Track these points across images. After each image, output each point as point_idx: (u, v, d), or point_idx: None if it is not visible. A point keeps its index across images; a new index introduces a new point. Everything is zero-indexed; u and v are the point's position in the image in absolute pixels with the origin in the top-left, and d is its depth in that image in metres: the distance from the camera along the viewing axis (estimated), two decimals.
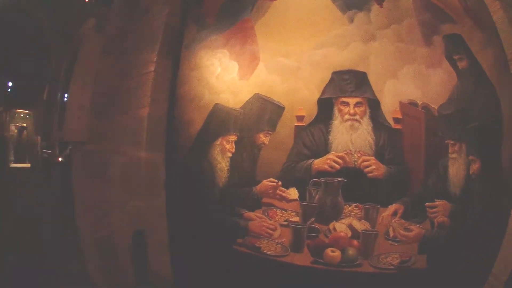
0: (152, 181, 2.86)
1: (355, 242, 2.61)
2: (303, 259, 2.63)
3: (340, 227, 2.65)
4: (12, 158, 15.34)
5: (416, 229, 2.61)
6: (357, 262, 2.53)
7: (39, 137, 13.93)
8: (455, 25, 2.71)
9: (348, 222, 2.65)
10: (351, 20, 2.77)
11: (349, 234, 2.62)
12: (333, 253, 2.52)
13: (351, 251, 2.55)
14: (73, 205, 6.62)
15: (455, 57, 2.66)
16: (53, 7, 9.96)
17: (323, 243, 2.62)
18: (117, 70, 3.30)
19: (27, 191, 11.45)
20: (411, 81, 2.66)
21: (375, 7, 2.75)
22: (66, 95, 3.75)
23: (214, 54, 2.93)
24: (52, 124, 9.36)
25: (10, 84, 14.50)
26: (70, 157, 8.97)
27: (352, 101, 2.66)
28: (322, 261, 2.54)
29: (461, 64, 2.65)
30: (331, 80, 2.70)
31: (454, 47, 2.67)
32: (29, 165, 15.27)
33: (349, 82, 2.68)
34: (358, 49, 2.69)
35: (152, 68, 2.84)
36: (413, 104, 2.69)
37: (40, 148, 12.49)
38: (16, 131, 15.56)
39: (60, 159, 9.18)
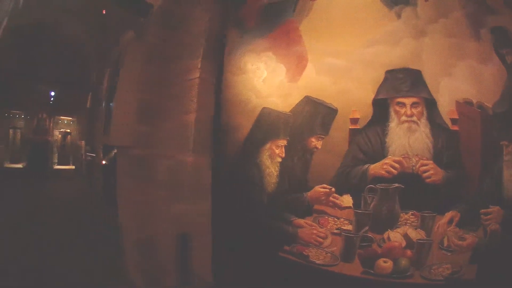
0: (198, 185, 2.73)
1: (408, 252, 2.29)
2: (353, 269, 2.36)
3: (395, 236, 2.35)
4: (55, 161, 15.75)
5: (470, 238, 2.26)
6: (408, 273, 2.24)
7: (83, 142, 14.44)
8: (499, 16, 2.38)
9: (404, 231, 2.35)
10: (399, 16, 2.47)
11: (404, 244, 2.31)
12: (385, 264, 2.25)
13: (403, 262, 2.26)
14: (115, 205, 6.60)
15: (503, 51, 2.33)
16: (91, 22, 9.93)
17: (376, 253, 2.34)
18: (160, 77, 3.21)
19: (71, 191, 11.76)
20: (465, 78, 2.34)
21: (421, 1, 2.45)
22: (110, 103, 3.62)
23: (259, 58, 2.74)
24: (96, 129, 9.48)
25: (52, 93, 14.90)
26: (114, 160, 9.12)
27: (408, 101, 2.36)
28: (372, 271, 2.27)
29: (510, 58, 2.32)
30: (385, 79, 2.40)
31: (501, 41, 2.35)
32: (73, 167, 15.59)
33: (404, 81, 2.38)
34: (410, 46, 2.40)
35: (197, 74, 2.73)
36: (468, 103, 2.36)
37: (84, 152, 12.69)
38: (60, 136, 15.93)
39: (104, 162, 9.25)
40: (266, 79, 2.67)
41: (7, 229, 6.73)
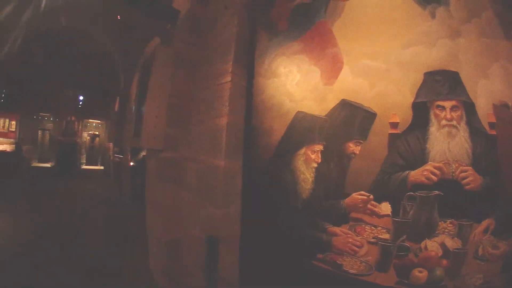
0: (228, 190, 2.59)
1: (444, 262, 2.10)
2: (387, 279, 2.17)
3: (432, 245, 2.16)
4: (84, 161, 16.15)
5: (503, 247, 2.06)
6: (443, 284, 2.05)
7: (111, 144, 14.68)
8: None
9: (441, 240, 2.16)
10: (433, 15, 2.26)
11: (440, 253, 2.11)
12: (420, 274, 2.08)
13: (439, 272, 2.08)
14: (143, 206, 6.56)
15: None
16: (118, 29, 10.02)
17: (412, 263, 2.14)
18: (189, 81, 3.20)
19: (98, 190, 11.94)
20: (500, 80, 2.12)
21: (453, 0, 2.23)
22: (139, 107, 3.61)
23: (291, 61, 2.59)
24: (123, 132, 9.55)
25: (81, 97, 15.22)
26: (142, 162, 9.22)
27: (448, 104, 2.16)
28: (407, 281, 2.09)
29: None
30: (424, 81, 2.20)
31: None
32: (100, 167, 15.96)
33: (443, 84, 2.19)
34: (446, 47, 2.20)
35: (229, 78, 2.60)
36: (505, 106, 2.16)
37: (112, 153, 12.87)
38: (88, 138, 16.28)
39: (131, 163, 9.34)
40: (299, 82, 2.50)
41: (34, 225, 6.93)
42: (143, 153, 9.88)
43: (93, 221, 7.61)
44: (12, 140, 13.95)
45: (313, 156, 2.38)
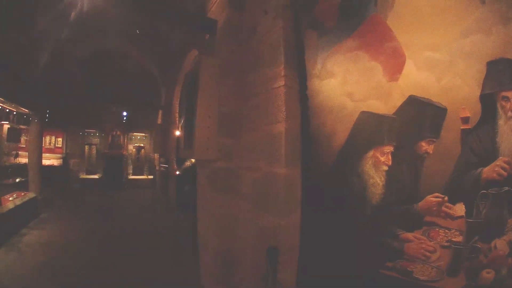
0: (289, 198, 2.34)
1: (510, 260, 1.81)
2: (456, 283, 1.91)
3: (501, 244, 1.89)
4: (130, 171, 16.46)
5: None
6: (506, 283, 1.80)
7: (156, 155, 14.95)
8: None
9: (509, 238, 1.88)
10: (483, 1, 1.94)
11: (507, 251, 1.83)
12: (487, 275, 1.84)
13: (503, 271, 1.83)
14: (190, 214, 6.45)
15: None
16: (154, 46, 10.14)
17: (481, 264, 1.88)
18: (237, 89, 3.02)
19: (145, 198, 12.11)
20: None
21: None
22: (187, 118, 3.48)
23: (348, 58, 2.32)
24: (168, 143, 9.62)
25: (124, 113, 15.78)
26: (187, 171, 9.25)
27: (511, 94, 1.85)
28: (475, 284, 1.84)
29: None
30: (488, 72, 1.89)
31: None
32: (146, 177, 16.37)
33: (504, 73, 1.87)
34: (501, 34, 1.87)
35: (282, 82, 2.37)
36: None
37: (158, 163, 13.08)
38: (134, 150, 16.59)
39: (177, 172, 9.38)
40: (360, 81, 2.22)
41: (85, 231, 7.05)
42: (188, 163, 10.00)
43: (142, 227, 7.67)
44: (59, 155, 14.39)
45: (382, 159, 2.10)
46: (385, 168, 2.09)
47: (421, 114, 1.99)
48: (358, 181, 2.17)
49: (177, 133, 9.77)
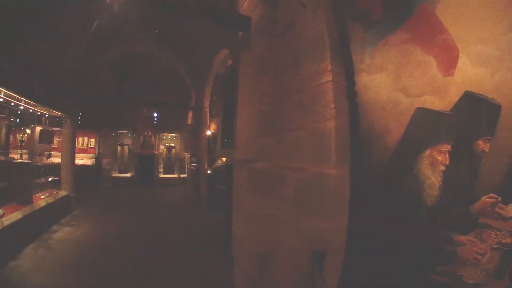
0: (338, 199, 2.21)
1: None
2: (499, 285, 1.81)
3: None
4: (161, 170, 16.81)
5: None
6: None
7: (187, 154, 15.18)
8: None
9: None
10: None
11: None
12: None
13: None
14: (221, 213, 6.39)
15: None
16: (183, 47, 10.22)
17: None
18: (276, 87, 2.89)
19: (176, 196, 12.27)
20: None
21: None
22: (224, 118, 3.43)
23: (399, 52, 2.16)
24: (198, 143, 9.69)
25: (155, 114, 16.14)
26: (218, 171, 9.29)
27: None
28: None
29: None
30: None
31: None
32: (176, 175, 16.71)
33: None
34: None
35: (329, 77, 2.22)
36: None
37: (189, 162, 13.27)
38: (165, 149, 16.93)
39: (208, 172, 9.42)
40: (413, 75, 2.07)
41: (116, 231, 7.01)
42: (219, 163, 10.05)
43: (173, 225, 7.67)
44: (92, 155, 14.96)
45: (440, 158, 1.95)
46: (442, 168, 1.94)
47: (478, 111, 1.83)
48: (413, 182, 2.01)
49: (208, 132, 9.81)
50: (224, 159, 10.15)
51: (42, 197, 7.24)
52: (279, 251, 2.80)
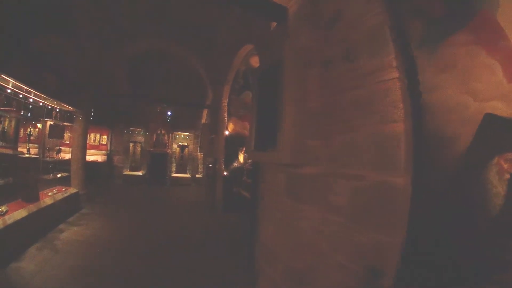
0: (402, 210, 1.95)
1: None
2: None
3: None
4: (174, 170, 16.93)
5: None
6: None
7: (200, 154, 15.18)
8: None
9: None
10: None
11: None
12: None
13: None
14: (237, 216, 6.19)
15: None
16: (202, 43, 10.19)
17: None
18: (323, 83, 2.64)
19: (187, 196, 12.19)
20: None
21: None
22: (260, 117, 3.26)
23: (463, 52, 1.94)
24: (215, 143, 9.61)
25: (169, 113, 16.34)
26: (235, 172, 9.21)
27: None
28: None
29: None
30: None
31: None
32: (188, 175, 16.74)
33: None
34: None
35: (395, 75, 1.96)
36: None
37: (202, 162, 13.27)
38: (178, 148, 17.00)
39: (225, 173, 9.37)
40: (481, 78, 1.86)
41: (126, 232, 6.89)
42: (236, 164, 9.95)
43: (188, 229, 7.55)
44: (103, 151, 15.10)
45: (506, 166, 1.78)
46: (508, 176, 1.78)
47: None
48: (481, 191, 1.85)
49: (226, 132, 9.75)
50: (241, 160, 10.07)
51: (49, 194, 7.25)
52: (323, 267, 2.54)
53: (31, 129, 8.91)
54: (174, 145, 16.78)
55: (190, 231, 7.22)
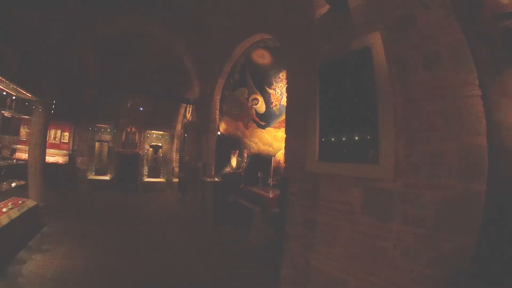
0: (475, 214, 2.41)
1: None
2: None
3: None
4: (146, 173, 16.67)
5: None
6: None
7: (175, 155, 15.29)
8: None
9: None
10: None
11: None
12: None
13: None
14: (233, 229, 6.13)
15: None
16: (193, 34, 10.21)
17: None
18: (402, 88, 2.96)
19: (168, 206, 12.13)
20: None
21: None
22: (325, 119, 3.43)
23: None
24: (204, 144, 9.70)
25: (141, 109, 15.99)
26: (228, 178, 9.31)
27: None
28: None
29: None
30: None
31: None
32: (162, 179, 16.63)
33: None
34: None
35: (479, 92, 2.48)
36: None
37: (178, 166, 12.99)
38: (151, 149, 16.68)
39: (215, 179, 9.44)
40: None
41: (103, 258, 6.12)
42: (228, 169, 9.98)
43: (180, 249, 7.02)
44: (65, 151, 14.37)
45: None
46: None
47: None
48: None
49: (218, 133, 9.84)
50: (234, 164, 10.15)
51: (4, 210, 6.10)
52: (401, 283, 2.81)
53: None
54: (146, 145, 16.39)
55: (184, 255, 6.60)
